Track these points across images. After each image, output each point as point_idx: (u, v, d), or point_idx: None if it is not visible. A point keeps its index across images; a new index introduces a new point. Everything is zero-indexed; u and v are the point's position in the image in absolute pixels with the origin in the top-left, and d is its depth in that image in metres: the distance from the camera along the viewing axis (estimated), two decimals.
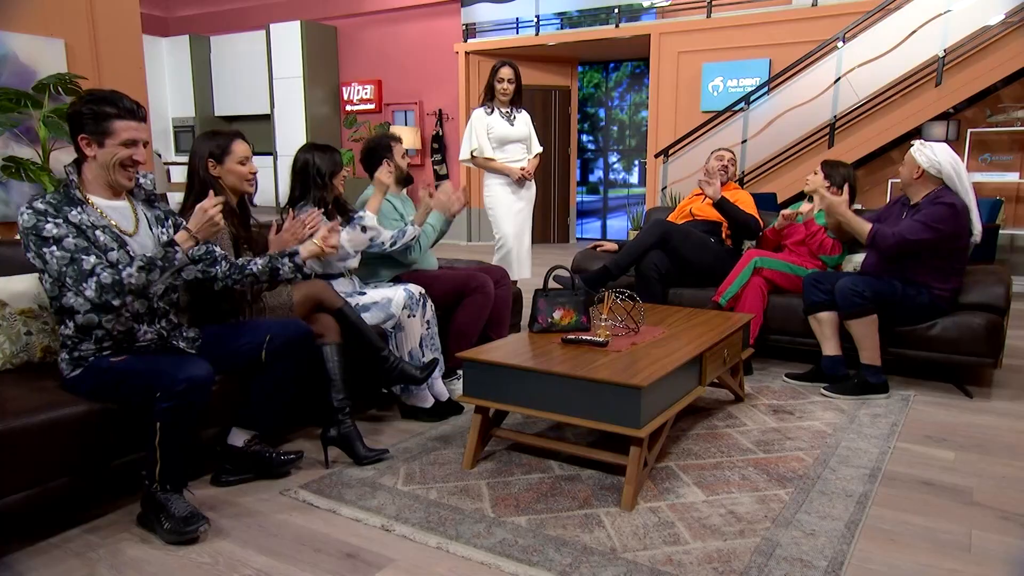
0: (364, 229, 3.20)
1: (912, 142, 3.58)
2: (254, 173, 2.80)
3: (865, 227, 3.44)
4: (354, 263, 3.29)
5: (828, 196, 3.56)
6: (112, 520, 2.31)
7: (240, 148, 2.74)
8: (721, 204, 4.19)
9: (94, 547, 2.16)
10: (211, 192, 2.49)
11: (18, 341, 2.42)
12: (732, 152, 4.50)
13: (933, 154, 3.41)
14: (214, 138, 2.73)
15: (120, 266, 2.15)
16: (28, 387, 2.24)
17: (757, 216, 4.29)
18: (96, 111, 2.18)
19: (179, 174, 9.55)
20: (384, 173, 3.39)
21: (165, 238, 2.41)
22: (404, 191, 3.76)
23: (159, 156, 9.54)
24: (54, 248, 2.12)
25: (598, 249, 4.75)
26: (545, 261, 7.96)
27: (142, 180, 2.43)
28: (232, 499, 2.46)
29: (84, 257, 2.13)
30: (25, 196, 4.10)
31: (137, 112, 2.25)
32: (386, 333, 3.15)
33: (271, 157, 11.05)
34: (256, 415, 2.57)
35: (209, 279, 2.49)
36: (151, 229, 2.38)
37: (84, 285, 2.11)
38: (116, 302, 2.16)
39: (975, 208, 3.45)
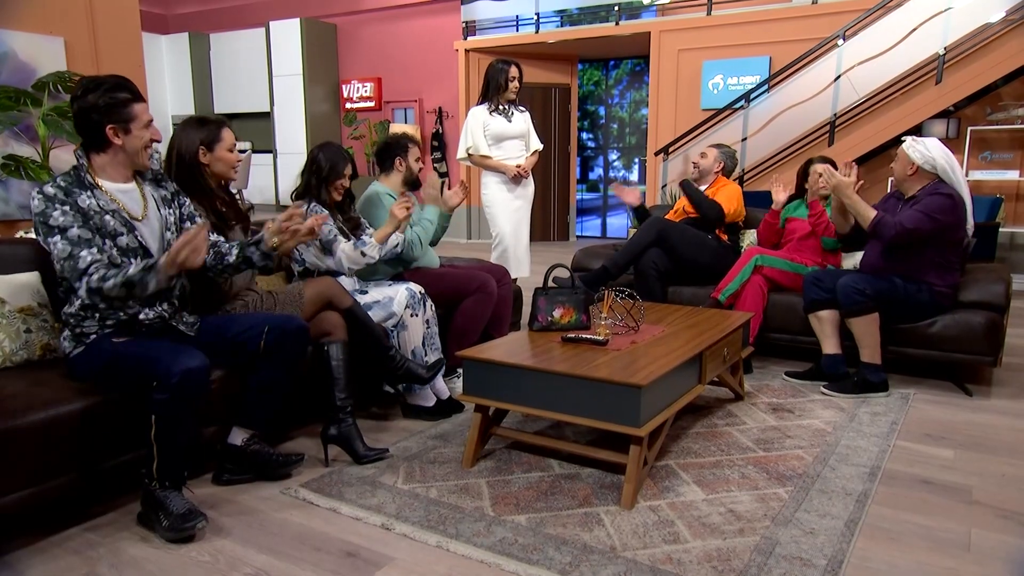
0: (363, 254, 3.18)
1: (903, 139, 3.57)
2: (239, 162, 2.80)
3: (870, 213, 3.42)
4: (347, 275, 3.28)
5: (838, 176, 3.50)
6: (112, 519, 2.31)
7: (228, 135, 2.75)
8: (684, 185, 4.35)
9: (94, 545, 2.16)
10: (197, 218, 2.50)
11: (18, 339, 2.42)
12: (708, 150, 4.49)
13: (926, 150, 3.42)
14: (204, 126, 2.71)
15: (108, 274, 2.14)
16: (28, 385, 2.24)
17: (727, 206, 4.27)
18: (116, 99, 2.21)
19: None
20: (398, 207, 3.22)
21: (172, 219, 2.43)
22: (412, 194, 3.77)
23: (159, 153, 9.54)
24: (58, 239, 2.16)
25: (620, 185, 4.60)
26: (545, 259, 7.97)
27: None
28: (232, 497, 2.46)
29: (81, 253, 2.15)
30: (24, 195, 4.10)
31: (139, 92, 2.30)
32: (388, 332, 3.15)
33: (271, 155, 11.05)
34: (253, 413, 2.57)
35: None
36: (159, 210, 2.40)
37: (78, 284, 2.17)
38: (102, 305, 2.22)
39: (970, 202, 3.47)
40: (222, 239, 2.55)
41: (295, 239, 2.45)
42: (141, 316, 2.34)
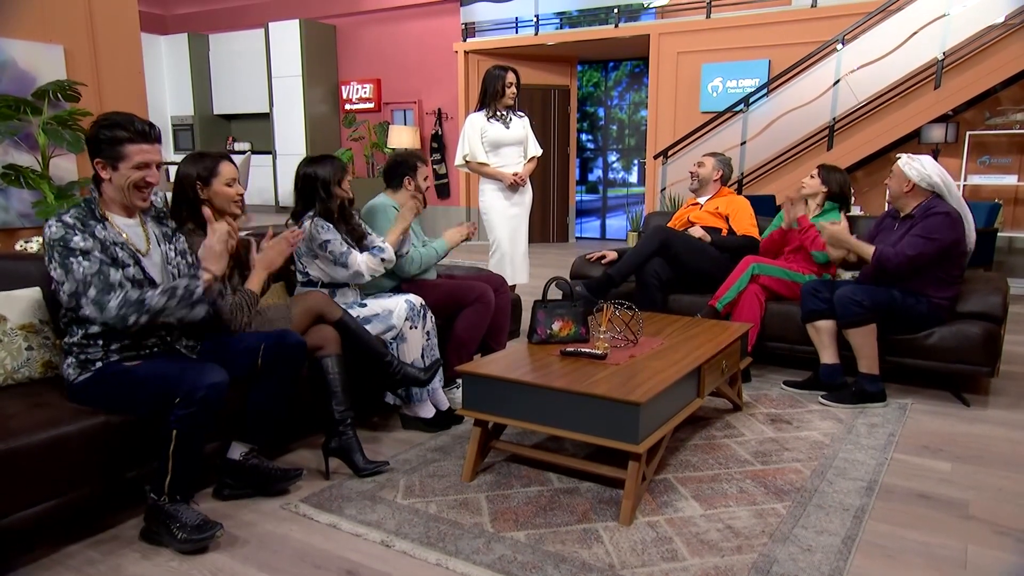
0: (383, 260, 3.22)
1: (897, 156, 3.60)
2: (240, 195, 2.79)
3: (869, 250, 3.47)
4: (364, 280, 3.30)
5: (829, 227, 3.57)
6: (114, 535, 2.33)
7: (227, 170, 2.74)
8: (716, 244, 4.25)
9: (95, 563, 2.18)
10: (209, 224, 2.49)
11: (19, 356, 2.42)
12: (705, 159, 4.50)
13: (922, 167, 3.44)
14: (201, 160, 2.72)
15: (144, 287, 2.24)
16: (30, 404, 2.25)
17: (753, 231, 4.29)
18: (109, 136, 2.25)
19: None
20: (408, 208, 3.37)
21: (172, 254, 2.46)
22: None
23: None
24: (82, 259, 2.19)
25: (602, 261, 4.55)
26: (544, 261, 7.98)
27: (152, 197, 2.46)
28: (232, 512, 2.47)
29: (111, 271, 2.21)
30: (25, 203, 4.11)
31: (149, 134, 2.30)
32: (387, 344, 3.15)
33: (270, 156, 11.04)
34: (252, 428, 2.58)
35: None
36: (160, 246, 2.44)
37: (108, 296, 2.18)
38: (132, 319, 2.21)
39: (970, 217, 3.49)
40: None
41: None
42: (143, 340, 2.37)
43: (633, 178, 11.06)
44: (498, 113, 4.54)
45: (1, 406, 2.22)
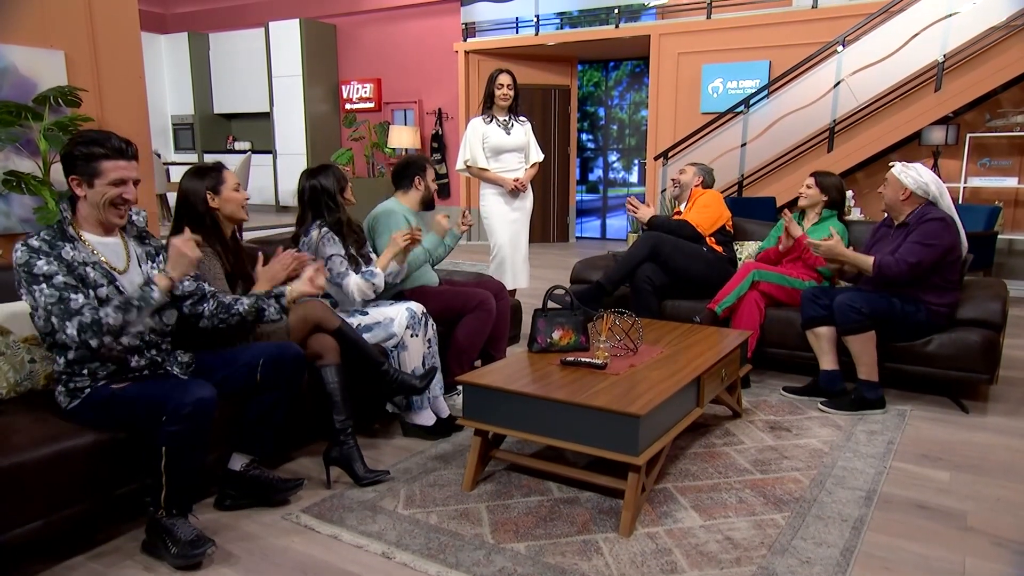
0: (374, 285, 3.22)
1: (890, 164, 3.61)
2: (247, 199, 2.82)
3: (868, 261, 3.48)
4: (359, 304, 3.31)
5: (822, 244, 3.57)
6: (116, 547, 2.34)
7: (231, 177, 2.79)
8: (651, 224, 4.36)
9: (98, 575, 2.19)
10: (186, 229, 2.48)
11: (22, 369, 2.43)
12: (687, 167, 4.60)
13: (919, 175, 3.46)
14: (206, 173, 2.74)
15: (101, 306, 2.16)
16: (32, 417, 2.26)
17: (697, 221, 4.30)
18: (85, 152, 2.22)
19: (179, 175, 9.52)
20: (401, 236, 3.30)
21: (157, 272, 2.43)
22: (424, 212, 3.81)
23: (158, 156, 9.54)
24: (44, 286, 2.16)
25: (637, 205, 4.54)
26: (544, 262, 7.99)
27: (135, 217, 2.48)
28: (234, 523, 2.48)
29: (72, 296, 2.16)
30: (26, 208, 4.12)
31: (126, 151, 2.28)
32: (387, 352, 3.17)
33: (270, 156, 11.05)
34: (252, 439, 2.59)
35: (195, 316, 2.48)
36: (141, 266, 2.42)
37: (67, 324, 2.14)
38: (94, 342, 2.16)
39: (960, 222, 3.50)
40: (221, 292, 2.58)
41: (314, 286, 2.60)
42: (132, 364, 2.35)
43: (633, 178, 11.05)
44: (498, 118, 4.55)
45: (4, 420, 2.24)
